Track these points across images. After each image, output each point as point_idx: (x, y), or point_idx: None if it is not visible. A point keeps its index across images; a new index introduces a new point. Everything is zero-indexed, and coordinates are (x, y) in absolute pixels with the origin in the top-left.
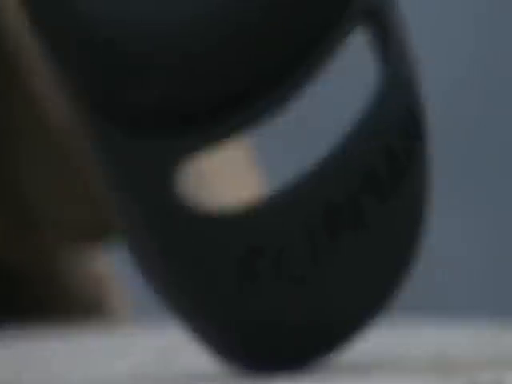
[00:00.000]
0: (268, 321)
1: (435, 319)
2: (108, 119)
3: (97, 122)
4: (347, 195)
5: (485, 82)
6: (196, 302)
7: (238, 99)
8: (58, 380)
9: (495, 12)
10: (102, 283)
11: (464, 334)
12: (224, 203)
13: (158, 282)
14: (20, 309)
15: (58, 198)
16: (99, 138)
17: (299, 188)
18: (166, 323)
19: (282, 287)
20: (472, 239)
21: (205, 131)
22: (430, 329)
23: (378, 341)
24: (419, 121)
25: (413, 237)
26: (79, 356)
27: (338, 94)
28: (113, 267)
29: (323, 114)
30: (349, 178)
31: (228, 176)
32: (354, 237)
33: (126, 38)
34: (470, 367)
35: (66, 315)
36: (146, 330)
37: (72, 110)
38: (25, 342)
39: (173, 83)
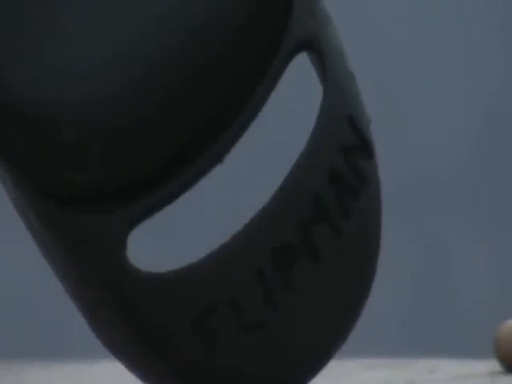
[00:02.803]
0: (235, 372)
1: (456, 357)
2: (50, 198)
3: (40, 203)
4: (293, 230)
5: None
6: (159, 367)
7: (179, 161)
8: None
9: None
10: None
11: (482, 371)
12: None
13: (117, 344)
14: None
15: None
16: (46, 220)
17: (239, 236)
18: None
19: (244, 337)
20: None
21: (143, 201)
22: (449, 365)
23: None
24: (365, 138)
25: (370, 263)
26: None
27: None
28: None
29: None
30: (291, 212)
31: None
32: (309, 271)
33: (57, 123)
34: None
35: None
36: None
37: (16, 192)
38: None
39: (106, 163)
